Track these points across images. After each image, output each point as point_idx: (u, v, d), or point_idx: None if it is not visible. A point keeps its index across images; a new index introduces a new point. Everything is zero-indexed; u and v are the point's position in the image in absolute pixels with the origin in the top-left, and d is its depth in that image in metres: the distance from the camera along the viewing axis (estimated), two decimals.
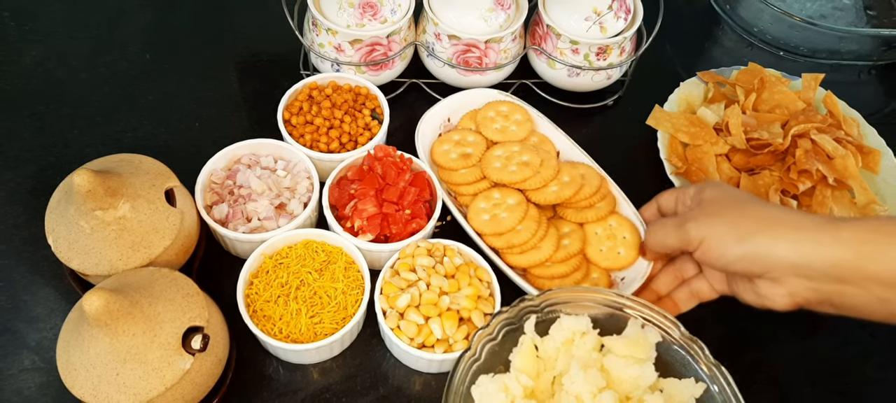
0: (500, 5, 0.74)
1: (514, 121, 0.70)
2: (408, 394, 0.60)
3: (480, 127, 0.70)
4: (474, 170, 0.67)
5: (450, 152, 0.68)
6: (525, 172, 0.65)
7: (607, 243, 0.64)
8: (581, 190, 0.65)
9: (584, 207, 0.65)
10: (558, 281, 0.61)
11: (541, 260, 0.62)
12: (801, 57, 0.91)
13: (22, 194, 0.69)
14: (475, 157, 0.67)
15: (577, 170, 0.67)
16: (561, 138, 0.70)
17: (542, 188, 0.65)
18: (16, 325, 0.61)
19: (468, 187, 0.66)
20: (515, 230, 0.62)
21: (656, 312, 0.55)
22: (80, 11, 0.85)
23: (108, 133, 0.74)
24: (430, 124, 0.71)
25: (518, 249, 0.62)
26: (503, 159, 0.66)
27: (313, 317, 0.58)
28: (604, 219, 0.65)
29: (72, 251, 0.55)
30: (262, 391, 0.59)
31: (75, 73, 0.79)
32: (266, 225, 0.63)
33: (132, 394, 0.49)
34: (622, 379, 0.52)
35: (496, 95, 0.73)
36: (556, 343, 0.54)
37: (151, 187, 0.57)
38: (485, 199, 0.65)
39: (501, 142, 0.68)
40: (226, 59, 0.83)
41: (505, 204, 0.64)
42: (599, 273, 0.63)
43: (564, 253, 0.63)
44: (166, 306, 0.51)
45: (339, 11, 0.72)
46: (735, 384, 0.52)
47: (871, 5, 0.96)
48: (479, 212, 0.64)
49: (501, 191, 0.65)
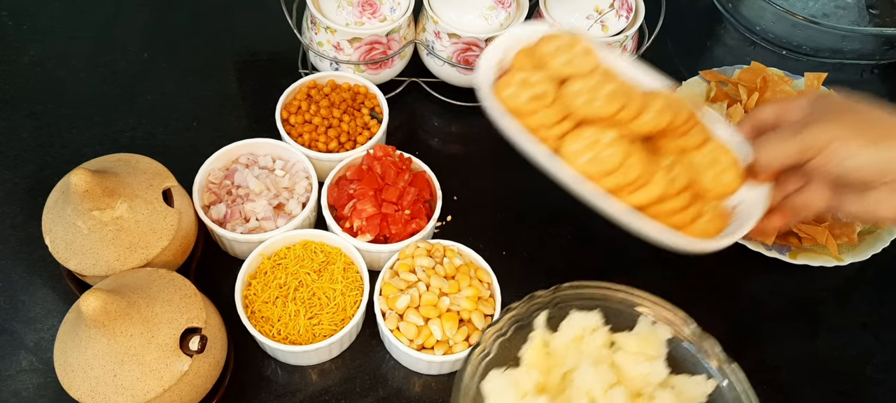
0: (501, 3, 0.74)
1: (578, 53, 0.63)
2: (407, 396, 0.60)
3: (543, 63, 0.62)
4: (553, 109, 0.59)
5: (519, 95, 0.60)
6: (615, 103, 0.58)
7: (711, 169, 0.58)
8: (676, 115, 0.59)
9: (681, 134, 0.59)
10: (678, 217, 0.56)
11: (655, 195, 0.56)
12: (803, 56, 0.91)
13: (19, 194, 0.69)
14: (550, 96, 0.59)
15: (661, 97, 0.60)
16: (626, 66, 0.64)
17: (637, 117, 0.58)
18: (13, 326, 0.61)
19: (550, 130, 0.58)
20: (624, 167, 0.56)
21: (667, 308, 0.55)
22: (79, 11, 0.85)
23: (105, 133, 0.74)
24: (486, 70, 0.63)
25: (630, 188, 0.56)
26: (586, 93, 0.59)
27: (312, 318, 0.58)
28: (703, 145, 0.59)
29: (69, 251, 0.55)
30: (261, 392, 0.59)
31: (74, 73, 0.79)
32: (264, 226, 0.62)
33: (130, 396, 0.49)
34: (633, 376, 0.52)
35: (548, 29, 0.65)
36: (567, 340, 0.54)
37: (149, 187, 0.57)
38: (576, 140, 0.57)
39: (574, 75, 0.61)
40: (224, 58, 0.82)
41: (602, 141, 0.57)
42: (712, 203, 0.58)
43: (678, 185, 0.57)
44: (164, 307, 0.51)
45: (338, 10, 0.72)
46: (747, 381, 0.52)
47: (874, 4, 0.96)
48: (576, 155, 0.56)
49: (592, 129, 0.58)
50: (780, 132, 0.55)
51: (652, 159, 0.57)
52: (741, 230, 0.56)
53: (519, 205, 0.73)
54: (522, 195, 0.74)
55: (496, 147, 0.79)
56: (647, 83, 0.63)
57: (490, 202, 0.72)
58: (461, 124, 0.80)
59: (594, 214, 0.73)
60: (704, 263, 0.70)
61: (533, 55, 0.63)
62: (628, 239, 0.71)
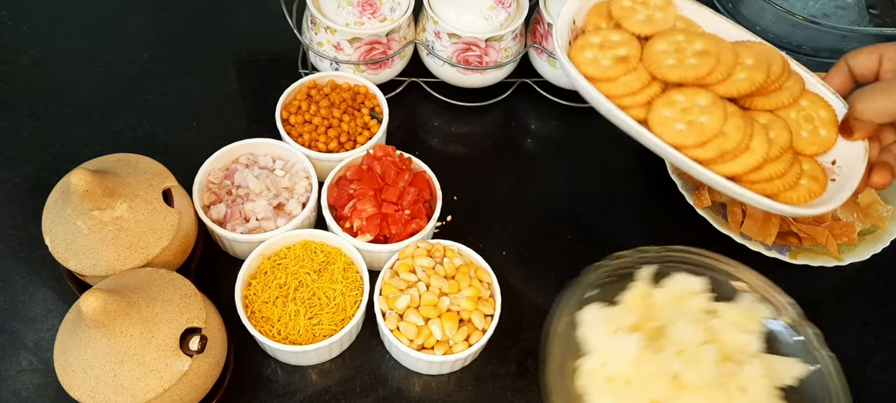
0: (501, 3, 0.74)
1: (655, 6, 0.58)
2: (407, 396, 0.60)
3: (621, 21, 0.57)
4: (638, 73, 0.54)
5: (599, 59, 0.55)
6: (707, 62, 0.53)
7: (807, 126, 0.54)
8: (771, 69, 0.54)
9: (775, 89, 0.55)
10: (778, 182, 0.52)
11: (757, 161, 0.51)
12: (803, 56, 0.91)
13: (19, 194, 0.69)
14: (634, 58, 0.55)
15: (751, 49, 0.56)
16: (708, 17, 0.59)
17: (729, 77, 0.53)
18: (13, 326, 0.61)
19: (636, 96, 0.54)
20: (723, 133, 0.52)
21: (772, 289, 0.55)
22: (79, 11, 0.85)
23: (105, 132, 0.74)
24: (561, 33, 0.57)
25: (729, 155, 0.52)
26: (673, 53, 0.54)
27: (312, 319, 0.58)
28: (797, 101, 0.55)
29: (69, 251, 0.55)
30: (261, 392, 0.59)
31: (74, 73, 0.79)
32: (264, 226, 0.62)
33: (129, 396, 0.49)
34: (727, 342, 0.52)
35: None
36: (668, 296, 0.55)
37: (149, 187, 0.57)
38: (667, 106, 0.53)
39: (657, 33, 0.56)
40: (224, 58, 0.82)
41: (695, 105, 0.52)
42: (810, 163, 0.54)
43: (778, 148, 0.52)
44: (164, 307, 0.51)
45: (339, 9, 0.72)
46: (840, 374, 0.52)
47: (874, 4, 0.95)
48: (668, 123, 0.52)
49: (683, 92, 0.53)
50: (884, 86, 0.51)
51: (748, 120, 0.53)
52: (844, 191, 0.52)
53: (519, 205, 0.73)
54: (522, 195, 0.74)
55: (496, 147, 0.79)
56: (732, 33, 0.58)
57: (490, 202, 0.72)
58: (461, 124, 0.80)
59: (593, 215, 0.73)
60: None
61: (608, 12, 0.58)
62: (626, 238, 0.71)
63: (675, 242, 0.71)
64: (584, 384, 0.53)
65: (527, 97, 0.82)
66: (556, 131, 0.81)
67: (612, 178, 0.66)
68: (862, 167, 0.53)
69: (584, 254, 0.70)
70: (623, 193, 0.74)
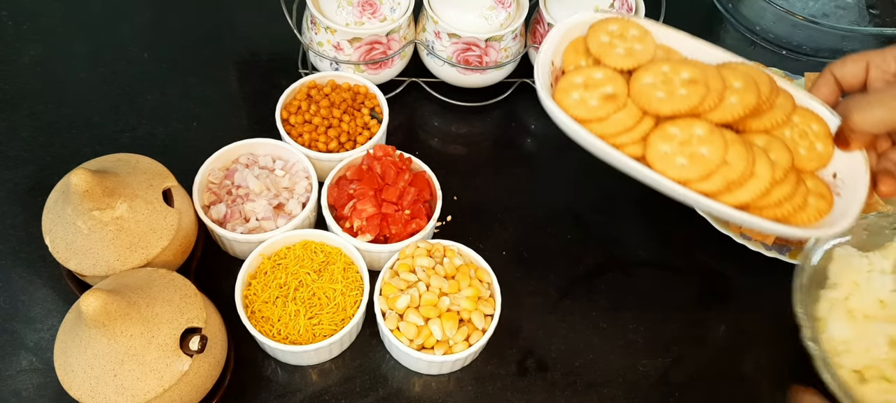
0: (501, 3, 0.74)
1: (633, 38, 0.57)
2: (407, 396, 0.60)
3: (601, 57, 0.56)
4: (628, 109, 0.53)
5: (586, 100, 0.54)
6: (697, 91, 0.52)
7: (803, 142, 0.53)
8: (760, 89, 0.53)
9: (766, 109, 0.53)
10: (787, 205, 0.51)
11: (765, 187, 0.50)
12: (803, 56, 0.91)
13: (20, 194, 0.69)
14: (621, 95, 0.53)
15: (737, 71, 0.54)
16: (685, 41, 0.58)
17: (720, 103, 0.52)
18: (13, 326, 0.61)
19: (630, 134, 0.52)
20: (726, 162, 0.50)
21: None
22: (79, 11, 0.85)
23: (105, 133, 0.74)
24: (542, 78, 0.55)
25: (737, 184, 0.50)
26: (661, 85, 0.53)
27: (312, 318, 0.58)
28: (790, 118, 0.54)
29: (69, 251, 0.55)
30: (261, 392, 0.59)
31: (74, 73, 0.79)
32: (264, 226, 0.62)
33: (130, 395, 0.49)
34: None
35: (595, 16, 0.58)
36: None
37: (149, 187, 0.57)
38: (664, 140, 0.51)
39: (640, 66, 0.55)
40: (224, 58, 0.82)
41: (693, 136, 0.51)
42: (813, 180, 0.53)
43: (781, 170, 0.51)
44: (164, 307, 0.51)
45: (338, 9, 0.72)
46: None
47: (874, 4, 0.95)
48: (669, 158, 0.51)
49: (677, 124, 0.52)
50: (879, 96, 0.50)
51: (748, 145, 0.51)
52: (853, 206, 0.51)
53: (519, 205, 0.73)
54: (522, 195, 0.74)
55: (496, 147, 0.79)
56: (713, 55, 0.57)
57: (490, 202, 0.72)
58: (461, 124, 0.80)
59: (593, 215, 0.73)
60: (704, 263, 0.70)
61: (585, 49, 0.57)
62: (626, 238, 0.71)
63: (675, 242, 0.71)
64: (825, 309, 0.58)
65: (527, 97, 0.82)
66: (556, 131, 0.80)
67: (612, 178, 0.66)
68: (865, 178, 0.52)
69: (584, 254, 0.70)
70: (623, 193, 0.74)
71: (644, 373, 0.62)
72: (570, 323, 0.65)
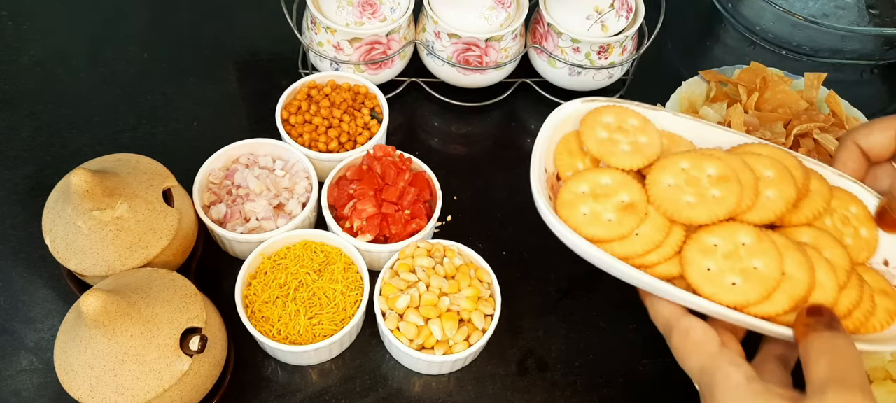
0: (501, 3, 0.74)
1: (635, 129, 0.49)
2: (407, 396, 0.60)
3: (605, 159, 0.47)
4: (653, 220, 0.44)
5: (599, 214, 0.45)
6: (732, 190, 0.44)
7: (847, 230, 0.46)
8: (794, 174, 0.45)
9: (803, 197, 0.46)
10: (857, 313, 0.43)
11: (833, 297, 0.42)
12: (803, 56, 0.91)
13: (20, 194, 0.69)
14: (641, 203, 0.45)
15: (761, 156, 0.46)
16: (690, 125, 0.50)
17: (757, 200, 0.44)
18: (13, 326, 0.61)
19: (661, 250, 0.44)
20: (786, 275, 0.42)
21: None
22: (79, 11, 0.85)
23: (105, 133, 0.74)
24: (539, 192, 0.47)
25: (803, 300, 0.42)
26: (687, 187, 0.44)
27: (312, 318, 0.58)
28: (829, 204, 0.46)
29: (69, 251, 0.55)
30: (261, 392, 0.59)
31: (74, 73, 0.79)
32: (264, 226, 0.62)
33: (130, 395, 0.49)
34: None
35: (584, 107, 0.50)
36: None
37: (149, 187, 0.57)
38: (704, 255, 0.43)
39: (650, 166, 0.47)
40: (224, 58, 0.82)
41: (738, 247, 0.43)
42: (869, 274, 0.45)
43: (844, 273, 0.43)
44: (164, 307, 0.51)
45: (339, 10, 0.72)
46: None
47: (874, 4, 0.95)
48: (716, 279, 0.42)
49: (716, 233, 0.43)
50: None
51: (802, 249, 0.43)
52: None
53: (519, 205, 0.73)
54: (522, 195, 0.73)
55: (496, 147, 0.79)
56: (723, 138, 0.49)
57: (490, 202, 0.72)
58: (461, 124, 0.80)
59: None
60: None
61: (578, 148, 0.49)
62: None
63: None
64: None
65: (527, 97, 0.82)
66: None
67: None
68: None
69: None
70: None
71: (644, 373, 0.62)
72: (570, 323, 0.65)
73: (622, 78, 0.81)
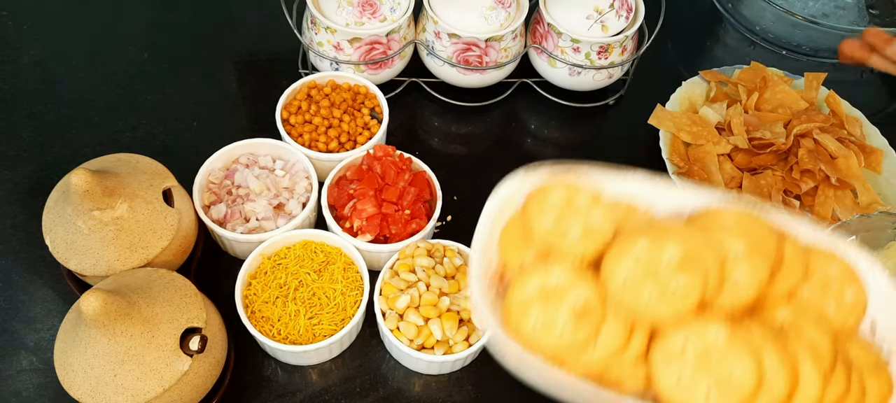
0: (501, 3, 0.74)
1: (585, 208, 0.42)
2: (407, 396, 0.60)
3: (554, 248, 0.41)
4: (613, 323, 0.39)
5: (551, 321, 0.39)
6: (695, 277, 0.38)
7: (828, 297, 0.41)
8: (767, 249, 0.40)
9: (778, 269, 0.41)
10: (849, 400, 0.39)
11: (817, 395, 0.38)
12: (803, 56, 0.91)
13: (20, 194, 0.69)
14: (596, 306, 0.39)
15: (726, 226, 0.41)
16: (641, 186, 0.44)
17: (723, 282, 0.39)
18: (14, 326, 0.61)
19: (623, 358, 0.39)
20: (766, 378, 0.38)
21: None
22: (79, 11, 0.85)
23: (106, 133, 0.74)
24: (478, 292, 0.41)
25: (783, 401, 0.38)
26: (644, 279, 0.39)
27: (312, 318, 0.58)
28: (807, 270, 0.41)
29: (69, 251, 0.55)
30: (261, 392, 0.59)
31: (74, 73, 0.79)
32: (264, 226, 0.62)
33: (130, 395, 0.49)
34: None
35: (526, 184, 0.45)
36: None
37: (149, 187, 0.57)
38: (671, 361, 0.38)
39: (606, 251, 0.41)
40: (224, 58, 0.82)
41: (709, 349, 0.37)
42: (855, 347, 0.40)
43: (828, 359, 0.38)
44: (164, 307, 0.51)
45: (339, 10, 0.72)
46: None
47: (874, 4, 0.95)
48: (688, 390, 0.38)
49: (684, 333, 0.38)
50: None
51: (780, 339, 0.38)
52: None
53: None
54: None
55: (496, 147, 0.79)
56: (680, 200, 0.43)
57: None
58: (461, 124, 0.80)
59: None
60: None
61: (524, 233, 0.42)
62: None
63: None
64: None
65: (527, 97, 0.82)
66: (556, 131, 0.81)
67: None
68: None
69: None
70: None
71: None
72: None
73: (622, 78, 0.81)
